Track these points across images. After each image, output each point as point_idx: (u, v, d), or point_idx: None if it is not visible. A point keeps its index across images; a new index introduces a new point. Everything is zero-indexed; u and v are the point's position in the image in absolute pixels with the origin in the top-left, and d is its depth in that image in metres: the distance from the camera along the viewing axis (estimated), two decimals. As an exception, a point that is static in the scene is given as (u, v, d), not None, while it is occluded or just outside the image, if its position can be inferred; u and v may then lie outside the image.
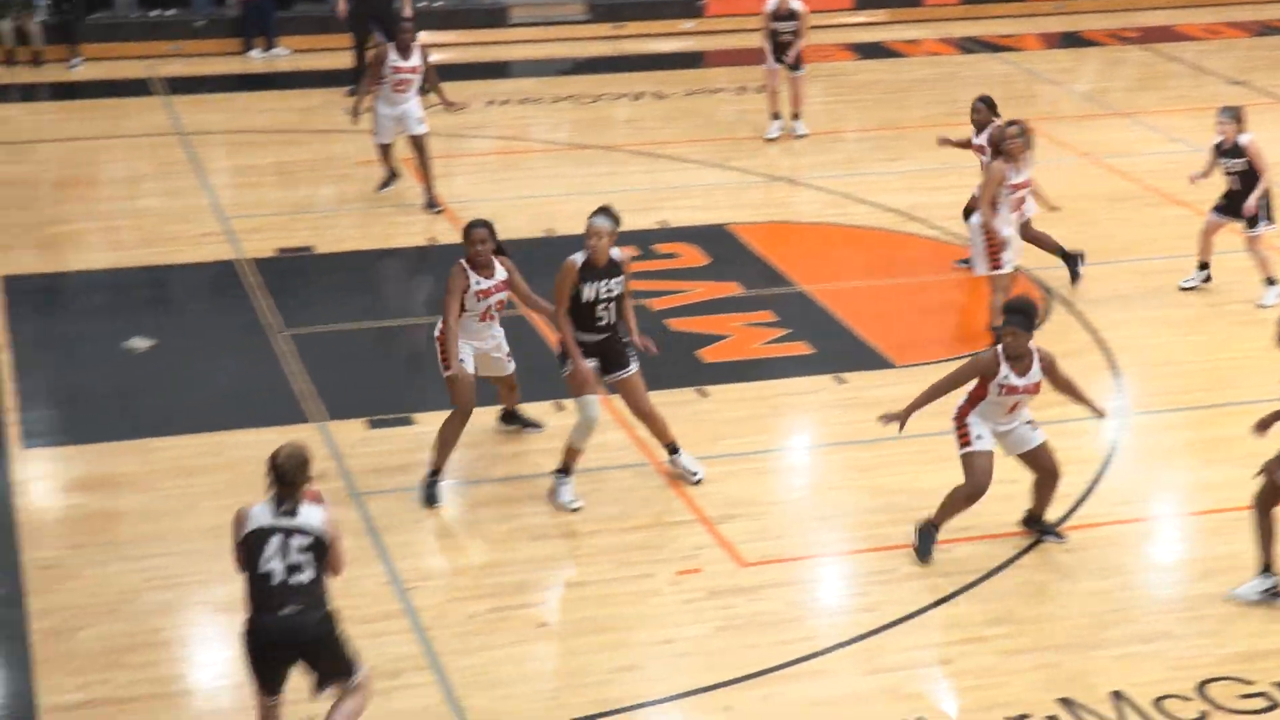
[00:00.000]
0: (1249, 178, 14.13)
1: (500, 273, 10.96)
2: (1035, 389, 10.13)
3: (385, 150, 16.79)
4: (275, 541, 7.85)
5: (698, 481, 11.25)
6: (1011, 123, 13.54)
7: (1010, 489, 10.90)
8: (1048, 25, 25.69)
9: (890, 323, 14.09)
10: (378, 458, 11.64)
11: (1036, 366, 10.09)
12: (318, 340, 13.70)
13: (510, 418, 11.99)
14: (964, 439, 10.20)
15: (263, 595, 7.86)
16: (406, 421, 12.12)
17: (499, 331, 11.24)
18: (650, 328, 13.85)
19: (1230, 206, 14.34)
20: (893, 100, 21.38)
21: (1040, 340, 10.22)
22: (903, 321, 14.16)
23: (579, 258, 10.65)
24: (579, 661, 9.46)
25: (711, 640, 9.59)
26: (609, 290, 10.70)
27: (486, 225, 10.89)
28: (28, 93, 21.53)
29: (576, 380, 10.76)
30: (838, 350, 13.52)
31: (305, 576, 7.87)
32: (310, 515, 7.92)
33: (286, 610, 7.82)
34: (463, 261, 10.88)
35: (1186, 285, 14.66)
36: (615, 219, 10.73)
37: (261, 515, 7.91)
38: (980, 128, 14.39)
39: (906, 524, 10.64)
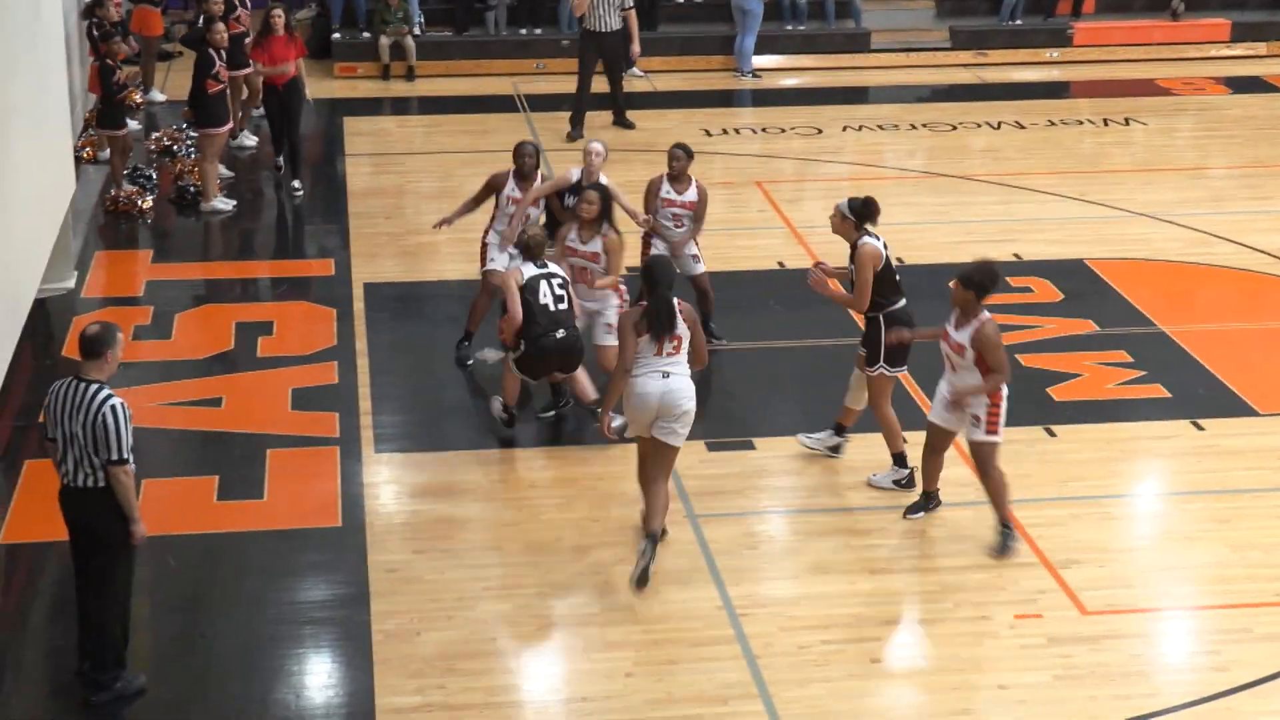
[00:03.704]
0: None
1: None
2: (958, 349, 10.46)
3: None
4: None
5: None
6: None
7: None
8: None
9: (1255, 368, 13.47)
10: (715, 480, 11.61)
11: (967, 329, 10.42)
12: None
13: None
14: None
15: None
16: (748, 446, 12.06)
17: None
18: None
19: None
20: (1266, 137, 20.52)
21: None
22: (1269, 368, 13.53)
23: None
24: (910, 701, 9.27)
25: (1049, 689, 9.27)
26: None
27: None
28: (400, 106, 22.25)
29: None
30: (1196, 395, 12.99)
31: None
32: None
33: None
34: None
35: None
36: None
37: None
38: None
39: (1265, 581, 10.14)
